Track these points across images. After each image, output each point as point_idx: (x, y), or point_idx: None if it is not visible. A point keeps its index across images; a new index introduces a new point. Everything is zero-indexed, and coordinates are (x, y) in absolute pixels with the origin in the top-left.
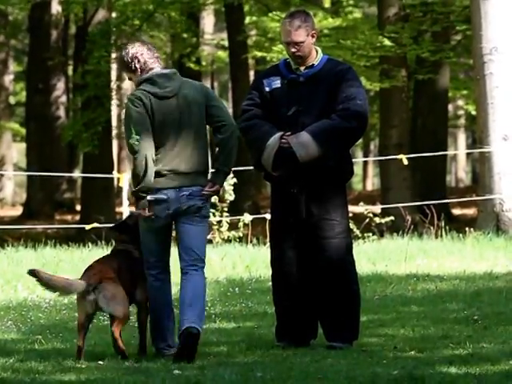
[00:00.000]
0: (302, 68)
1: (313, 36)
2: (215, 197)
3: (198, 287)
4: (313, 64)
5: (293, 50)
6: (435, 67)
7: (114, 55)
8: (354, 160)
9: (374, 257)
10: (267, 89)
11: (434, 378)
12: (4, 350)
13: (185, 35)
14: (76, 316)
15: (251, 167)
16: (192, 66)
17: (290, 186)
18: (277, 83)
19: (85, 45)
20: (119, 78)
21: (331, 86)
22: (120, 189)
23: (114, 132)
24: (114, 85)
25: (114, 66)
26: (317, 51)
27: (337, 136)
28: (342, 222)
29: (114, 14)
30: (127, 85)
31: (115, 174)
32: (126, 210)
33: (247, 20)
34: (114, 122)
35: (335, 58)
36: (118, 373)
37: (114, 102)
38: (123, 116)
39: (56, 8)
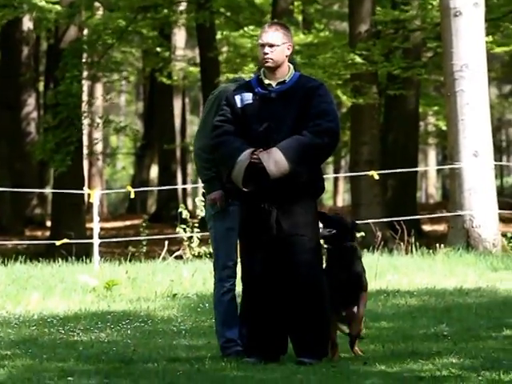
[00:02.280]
0: (274, 84)
1: (288, 48)
2: (186, 212)
3: None
4: (284, 80)
5: (266, 50)
6: (406, 84)
7: (85, 74)
8: (324, 176)
9: None
10: (239, 104)
11: None
12: None
13: (158, 49)
14: (45, 332)
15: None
16: (164, 80)
17: (260, 201)
18: (249, 99)
19: (56, 63)
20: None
21: (303, 102)
22: (90, 205)
23: (86, 151)
24: (85, 105)
25: (86, 86)
26: (289, 68)
27: (308, 152)
28: (312, 238)
29: (85, 31)
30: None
31: (86, 190)
32: (96, 225)
33: (218, 35)
34: (86, 142)
35: (307, 75)
36: None
37: (86, 122)
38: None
39: (27, 25)
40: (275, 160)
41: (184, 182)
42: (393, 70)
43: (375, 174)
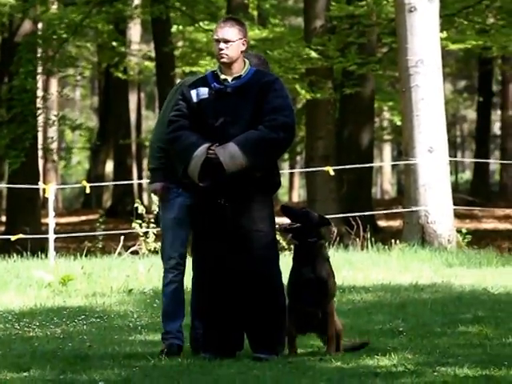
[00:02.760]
0: (230, 79)
1: (243, 44)
2: (142, 208)
3: None
4: (240, 75)
5: (221, 46)
6: (361, 79)
7: (40, 69)
8: (280, 171)
9: None
10: (195, 99)
11: None
12: None
13: (114, 43)
14: (0, 327)
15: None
16: (119, 75)
17: (216, 196)
18: (204, 94)
19: (10, 57)
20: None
21: (258, 97)
22: (45, 200)
23: (41, 147)
24: (40, 101)
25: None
26: (245, 63)
27: (264, 147)
28: (268, 233)
29: (40, 26)
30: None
31: (41, 185)
32: (51, 220)
33: (174, 29)
34: (41, 137)
35: (262, 70)
36: None
37: (41, 118)
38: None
39: None
40: (231, 154)
41: (140, 177)
42: (348, 66)
43: (330, 170)
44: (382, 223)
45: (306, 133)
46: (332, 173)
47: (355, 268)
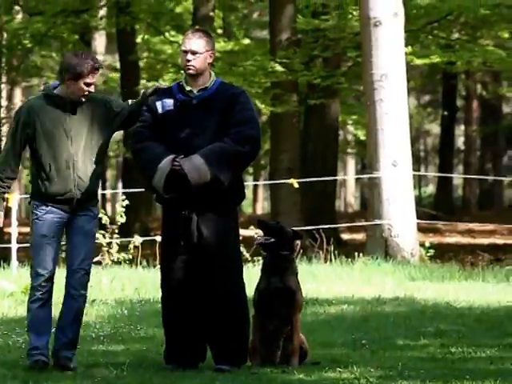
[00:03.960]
0: (195, 90)
1: (210, 56)
2: (106, 218)
3: None
4: (206, 87)
5: (188, 57)
6: (326, 93)
7: (4, 79)
8: (244, 183)
9: None
10: (160, 110)
11: None
12: None
13: None
14: None
15: (142, 189)
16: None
17: (181, 208)
18: (170, 105)
19: None
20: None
21: (224, 109)
22: (9, 209)
23: None
24: (3, 111)
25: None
26: (210, 74)
27: (229, 159)
28: (232, 245)
29: (4, 35)
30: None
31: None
32: (14, 230)
33: (139, 40)
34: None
35: (228, 82)
36: None
37: (5, 128)
38: None
39: None
40: (196, 167)
41: (103, 188)
42: (313, 79)
43: (295, 182)
44: (345, 236)
45: (271, 145)
46: (296, 185)
47: (318, 280)
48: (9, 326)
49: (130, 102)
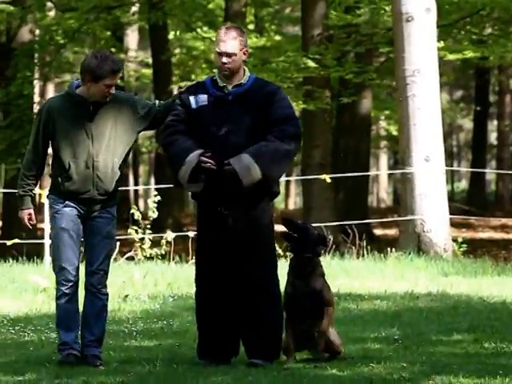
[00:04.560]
0: (230, 86)
1: (244, 53)
2: (138, 214)
3: None
4: (241, 83)
5: (224, 60)
6: (358, 88)
7: (37, 75)
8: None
9: None
10: (194, 105)
11: None
12: None
13: (112, 50)
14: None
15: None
16: (118, 81)
17: (216, 204)
18: (204, 100)
19: (7, 63)
20: (42, 97)
21: (260, 106)
22: (42, 205)
23: None
24: (36, 106)
25: (37, 87)
26: (244, 70)
27: (278, 158)
28: (267, 241)
29: (37, 31)
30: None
31: (37, 191)
32: (47, 226)
33: (171, 36)
34: None
35: (262, 78)
36: None
37: None
38: None
39: None
40: (246, 166)
41: (136, 184)
42: (345, 75)
43: (327, 178)
44: (377, 231)
45: (303, 141)
46: (328, 181)
47: (351, 276)
48: (42, 321)
49: (157, 102)
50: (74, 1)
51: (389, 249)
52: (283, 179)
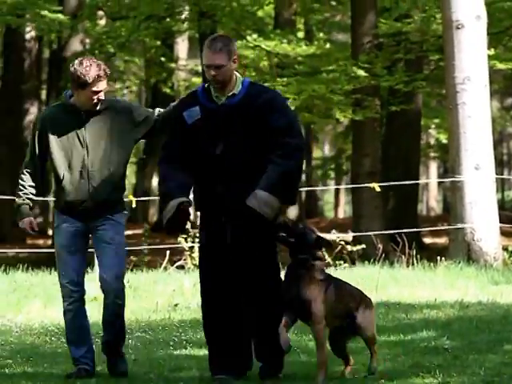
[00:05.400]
0: (223, 98)
1: (234, 62)
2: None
3: None
4: (233, 94)
5: (213, 73)
6: (408, 96)
7: None
8: (326, 188)
9: None
10: (189, 122)
11: None
12: None
13: (162, 59)
14: (46, 341)
15: None
16: (167, 91)
17: (219, 214)
18: (197, 114)
19: (59, 71)
20: None
21: (257, 115)
22: None
23: None
24: None
25: None
26: (236, 78)
27: (289, 179)
28: (269, 248)
29: (87, 40)
30: None
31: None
32: None
33: None
34: None
35: (257, 83)
36: None
37: None
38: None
39: (30, 33)
40: (265, 201)
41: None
42: (395, 85)
43: (377, 186)
44: (427, 240)
45: (352, 149)
46: (378, 189)
47: (401, 285)
48: (93, 330)
49: (157, 110)
50: (124, 10)
51: (438, 257)
52: (332, 188)
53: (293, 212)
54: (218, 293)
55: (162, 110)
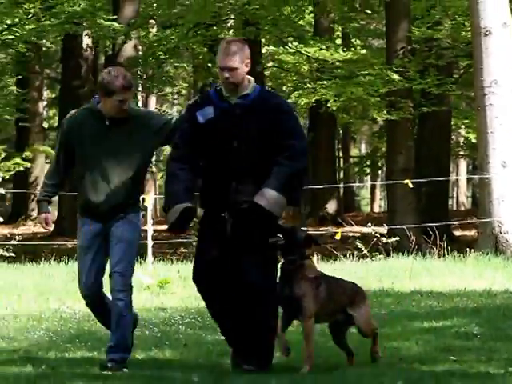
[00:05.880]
0: (235, 98)
1: (247, 65)
2: None
3: None
4: (247, 94)
5: (226, 75)
6: (439, 98)
7: (140, 88)
8: (362, 184)
9: (380, 274)
10: (201, 120)
11: None
12: (37, 358)
13: (209, 64)
14: (102, 326)
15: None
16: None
17: (221, 211)
18: (210, 113)
19: None
20: (145, 108)
21: (267, 118)
22: (144, 208)
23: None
24: None
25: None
26: (249, 81)
27: (296, 179)
28: (264, 245)
29: (140, 47)
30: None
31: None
32: (150, 228)
33: (264, 50)
34: None
35: (268, 89)
36: (142, 381)
37: None
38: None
39: (86, 40)
40: (274, 200)
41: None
42: (427, 88)
43: (410, 183)
44: (457, 233)
45: (387, 148)
46: (411, 185)
47: (433, 275)
48: (146, 317)
49: (174, 118)
50: (174, 18)
51: (468, 249)
52: (368, 184)
53: (332, 206)
54: (212, 284)
55: (178, 116)
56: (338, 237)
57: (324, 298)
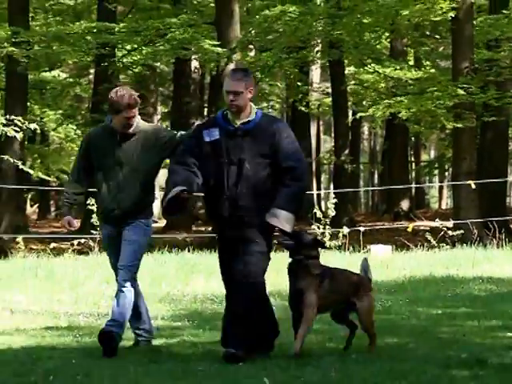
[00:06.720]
0: (239, 122)
1: (250, 92)
2: (319, 213)
3: None
4: (249, 120)
5: (231, 97)
6: (499, 110)
7: None
8: (431, 184)
9: (447, 263)
10: (207, 139)
11: (496, 360)
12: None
13: (299, 83)
14: (207, 307)
15: (348, 189)
16: (303, 109)
17: (223, 224)
18: (216, 134)
19: (218, 94)
20: None
21: (269, 140)
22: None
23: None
24: None
25: None
26: (251, 107)
27: (301, 197)
28: (261, 243)
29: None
30: None
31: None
32: None
33: (347, 71)
34: None
35: (268, 114)
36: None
37: None
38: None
39: (194, 63)
40: (286, 219)
41: (318, 189)
42: (487, 101)
43: (472, 184)
44: None
45: (453, 153)
46: (474, 186)
47: (492, 263)
48: None
49: (180, 133)
50: (269, 43)
51: None
52: (437, 184)
53: (405, 204)
54: (225, 277)
55: (183, 132)
56: (409, 230)
57: (327, 290)
